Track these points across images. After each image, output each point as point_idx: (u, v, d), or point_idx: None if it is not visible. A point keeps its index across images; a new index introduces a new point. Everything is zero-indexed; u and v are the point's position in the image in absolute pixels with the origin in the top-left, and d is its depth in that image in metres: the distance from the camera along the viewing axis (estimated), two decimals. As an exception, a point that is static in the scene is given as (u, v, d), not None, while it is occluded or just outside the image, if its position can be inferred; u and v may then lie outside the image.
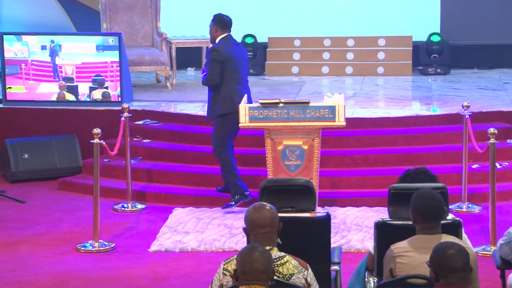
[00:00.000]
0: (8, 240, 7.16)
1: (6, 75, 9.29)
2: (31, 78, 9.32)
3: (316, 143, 7.10)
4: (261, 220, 4.20)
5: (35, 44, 9.28)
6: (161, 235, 7.19)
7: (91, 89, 9.29)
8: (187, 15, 11.82)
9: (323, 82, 11.13)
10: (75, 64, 9.27)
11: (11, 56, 9.29)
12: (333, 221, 6.09)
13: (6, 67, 9.28)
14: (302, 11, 11.84)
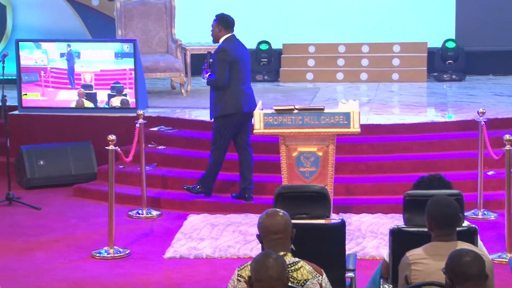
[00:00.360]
0: (23, 246, 7.18)
1: (26, 82, 9.34)
2: (50, 85, 9.37)
3: (331, 149, 7.09)
4: (274, 226, 4.20)
5: (54, 52, 9.33)
6: (176, 241, 7.19)
7: (109, 96, 9.32)
8: (201, 22, 11.82)
9: (337, 89, 11.12)
10: (93, 71, 9.30)
11: (31, 64, 9.33)
12: (348, 228, 6.08)
13: (25, 74, 9.32)
14: (317, 18, 11.85)
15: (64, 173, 8.90)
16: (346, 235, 5.18)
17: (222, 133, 7.80)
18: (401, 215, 4.95)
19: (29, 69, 9.33)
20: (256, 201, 7.93)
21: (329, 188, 7.00)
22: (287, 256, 4.16)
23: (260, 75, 11.70)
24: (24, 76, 9.35)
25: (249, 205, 7.89)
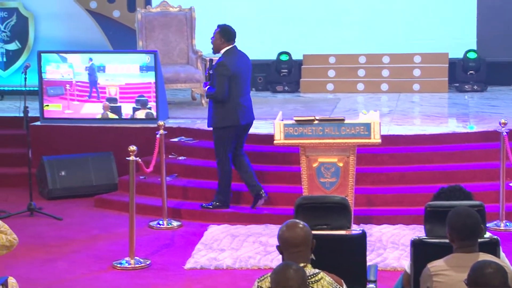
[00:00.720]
0: (45, 257, 7.20)
1: (51, 95, 9.39)
2: (76, 99, 9.42)
3: (352, 160, 7.07)
4: (294, 238, 4.17)
5: (79, 66, 9.39)
6: (197, 252, 7.20)
7: (134, 109, 9.35)
8: (222, 33, 11.87)
9: (358, 99, 11.10)
10: (118, 84, 9.34)
11: (58, 78, 9.39)
12: (368, 239, 6.05)
13: (51, 88, 9.38)
14: (337, 28, 11.85)
15: (85, 184, 8.94)
16: (367, 246, 5.15)
17: (224, 144, 7.89)
18: (423, 226, 4.92)
19: (54, 82, 9.38)
20: (277, 211, 7.93)
21: (350, 199, 6.98)
22: (307, 267, 4.15)
23: (280, 86, 11.70)
24: (49, 89, 9.41)
25: (270, 215, 7.89)
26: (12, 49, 11.00)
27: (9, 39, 10.97)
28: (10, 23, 10.94)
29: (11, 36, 10.94)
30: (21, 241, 7.52)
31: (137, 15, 10.86)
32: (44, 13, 10.89)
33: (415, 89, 11.44)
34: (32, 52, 10.70)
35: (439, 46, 11.67)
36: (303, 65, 11.82)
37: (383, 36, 11.79)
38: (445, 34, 11.71)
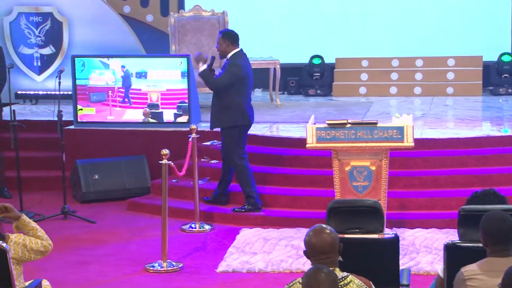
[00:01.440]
0: (78, 259, 7.25)
1: (94, 102, 9.46)
2: (118, 105, 9.48)
3: (384, 164, 7.04)
4: (321, 247, 4.13)
5: (122, 72, 9.44)
6: (229, 255, 7.20)
7: (176, 116, 9.38)
8: (254, 37, 11.90)
9: (391, 103, 11.05)
10: (160, 90, 9.38)
11: (102, 84, 9.45)
12: (401, 243, 6.02)
13: (94, 94, 9.45)
14: (370, 32, 11.81)
15: (118, 187, 8.99)
16: (400, 250, 5.12)
17: (239, 144, 7.97)
18: (456, 230, 4.89)
19: (98, 88, 9.45)
20: (309, 215, 7.91)
21: (383, 202, 6.94)
22: (335, 270, 4.13)
23: (312, 90, 11.69)
24: (92, 95, 9.48)
25: (302, 219, 7.87)
26: (46, 53, 11.10)
27: (43, 44, 11.06)
28: (45, 28, 11.04)
29: (45, 40, 11.04)
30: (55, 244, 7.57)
31: (170, 20, 10.91)
32: (78, 17, 10.97)
33: (449, 93, 11.36)
34: (66, 57, 10.79)
35: (473, 49, 11.58)
36: (336, 69, 11.79)
37: (416, 39, 11.74)
38: (479, 36, 11.63)
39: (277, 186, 8.44)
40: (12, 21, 11.04)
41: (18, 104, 10.90)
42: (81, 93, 9.49)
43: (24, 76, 11.10)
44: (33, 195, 8.89)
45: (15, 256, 4.56)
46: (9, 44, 11.01)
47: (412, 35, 11.75)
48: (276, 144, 9.00)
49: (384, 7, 11.83)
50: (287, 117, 10.17)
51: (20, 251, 4.58)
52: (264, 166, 8.73)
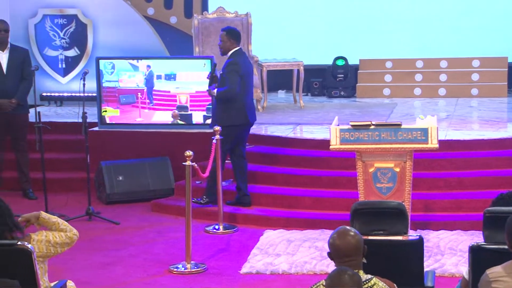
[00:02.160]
0: (103, 260, 7.28)
1: (124, 104, 9.51)
2: (147, 107, 9.51)
3: (408, 165, 7.01)
4: (345, 249, 4.11)
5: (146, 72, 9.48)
6: (252, 257, 7.20)
7: (205, 118, 9.39)
8: (278, 38, 11.90)
9: (415, 104, 11.01)
10: (189, 92, 9.40)
11: (133, 86, 9.49)
12: (426, 245, 6.00)
13: (123, 96, 9.50)
14: (394, 33, 11.77)
15: (142, 189, 9.02)
16: (424, 252, 5.10)
17: (230, 141, 8.05)
18: (481, 232, 4.86)
19: (127, 91, 9.48)
20: (333, 217, 7.89)
21: (407, 204, 6.91)
22: (359, 273, 4.11)
23: (336, 91, 11.67)
24: (122, 97, 9.53)
25: (326, 221, 7.86)
26: (71, 55, 11.16)
27: (68, 46, 11.13)
28: (69, 30, 11.10)
29: (70, 42, 11.10)
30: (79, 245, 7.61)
31: (194, 21, 10.93)
32: (102, 19, 11.03)
33: (474, 94, 11.30)
34: (91, 59, 10.84)
35: (498, 50, 11.51)
36: (360, 70, 11.76)
37: (440, 40, 11.68)
38: (504, 37, 11.55)
39: (301, 187, 8.43)
40: (37, 23, 11.11)
41: (43, 106, 10.98)
42: (110, 95, 9.53)
43: (49, 78, 11.17)
44: (58, 197, 8.94)
45: (40, 254, 4.59)
46: (34, 46, 11.09)
47: (437, 36, 11.70)
48: (299, 145, 8.99)
49: (408, 8, 11.78)
50: (311, 118, 10.16)
51: (45, 248, 4.61)
52: (288, 167, 8.73)
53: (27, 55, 9.10)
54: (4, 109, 8.81)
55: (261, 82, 10.76)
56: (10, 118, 8.88)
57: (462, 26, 11.65)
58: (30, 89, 8.90)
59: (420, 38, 11.73)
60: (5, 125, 8.91)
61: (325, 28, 11.90)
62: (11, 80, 8.87)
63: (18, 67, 8.90)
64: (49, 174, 8.80)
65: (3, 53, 8.89)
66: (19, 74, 8.91)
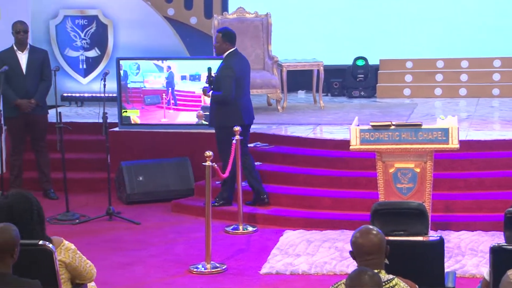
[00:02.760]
0: (123, 260, 7.31)
1: (148, 104, 9.54)
2: (171, 107, 9.54)
3: (429, 166, 6.98)
4: (368, 247, 4.11)
5: (176, 75, 9.50)
6: (272, 257, 7.20)
7: None
8: (298, 39, 11.89)
9: (435, 104, 10.97)
10: None
11: (159, 87, 9.52)
12: (446, 245, 5.97)
13: (148, 97, 9.53)
14: (414, 33, 11.73)
15: (162, 189, 9.04)
16: (445, 252, 5.08)
17: (228, 143, 7.98)
18: (502, 232, 4.84)
19: (152, 91, 9.51)
20: (353, 217, 7.88)
21: (427, 204, 6.89)
22: (381, 273, 4.10)
23: (356, 91, 11.64)
24: (147, 98, 9.56)
25: (345, 221, 7.85)
26: (91, 56, 11.21)
27: (89, 46, 11.17)
28: (90, 31, 11.15)
29: (90, 43, 11.15)
30: (100, 246, 7.67)
31: (214, 22, 10.94)
32: (122, 20, 11.06)
33: (495, 94, 11.24)
34: (111, 59, 10.88)
35: (519, 50, 11.45)
36: (380, 70, 11.73)
37: (461, 40, 11.63)
38: (525, 37, 11.49)
39: (321, 188, 8.42)
40: (58, 24, 11.17)
41: (64, 106, 11.03)
42: (135, 95, 9.57)
43: (70, 79, 11.22)
44: (79, 197, 8.98)
45: (64, 260, 4.60)
46: (55, 47, 11.14)
47: (458, 36, 11.64)
48: (319, 146, 8.98)
49: (429, 8, 11.74)
50: (331, 119, 10.15)
51: (70, 257, 4.62)
52: (308, 168, 8.72)
53: (46, 56, 9.14)
54: (23, 109, 8.86)
55: (281, 83, 10.75)
56: (29, 118, 8.93)
57: (483, 26, 11.58)
58: (49, 90, 8.94)
59: (441, 38, 11.68)
60: (24, 125, 8.96)
61: (345, 28, 11.87)
62: (30, 80, 8.92)
63: (37, 68, 8.95)
64: (70, 174, 8.84)
65: (22, 54, 8.94)
66: (39, 75, 8.96)
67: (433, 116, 9.55)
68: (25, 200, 4.53)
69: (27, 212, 4.52)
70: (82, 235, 7.91)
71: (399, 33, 11.76)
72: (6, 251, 4.11)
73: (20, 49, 8.94)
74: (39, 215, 4.56)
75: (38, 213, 4.56)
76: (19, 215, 4.49)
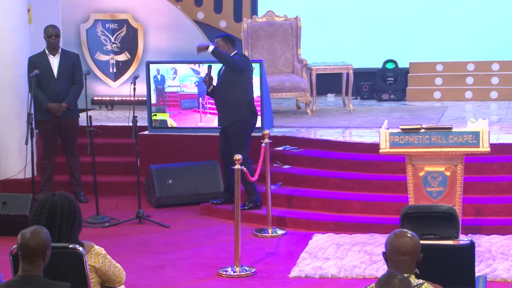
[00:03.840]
0: (153, 263, 7.33)
1: (185, 108, 9.58)
2: (207, 112, 9.56)
3: (459, 169, 6.94)
4: (402, 247, 4.12)
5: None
6: (301, 261, 7.19)
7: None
8: (327, 42, 11.87)
9: (466, 107, 10.90)
10: None
11: (194, 91, 9.56)
12: (477, 249, 5.94)
13: (185, 101, 9.56)
14: (444, 35, 11.67)
15: (192, 192, 9.06)
16: (475, 256, 5.04)
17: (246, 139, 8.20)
18: (534, 237, 4.79)
19: (189, 96, 9.55)
20: (382, 221, 7.85)
21: (458, 208, 6.84)
22: (410, 277, 4.09)
23: (386, 94, 11.60)
24: (184, 102, 9.60)
25: (375, 225, 7.82)
26: (122, 60, 11.28)
27: (119, 50, 11.24)
28: (120, 35, 11.21)
29: (121, 47, 11.21)
30: (130, 248, 7.70)
31: (243, 25, 10.96)
32: (153, 24, 11.12)
33: (526, 97, 11.15)
34: (141, 63, 10.94)
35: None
36: (410, 73, 11.68)
37: (492, 42, 11.54)
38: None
39: (350, 191, 8.39)
40: (88, 28, 11.24)
41: (94, 110, 11.10)
42: (172, 99, 9.60)
43: (100, 82, 11.30)
44: (109, 200, 9.03)
45: (94, 265, 4.63)
46: (86, 51, 11.22)
47: (488, 39, 11.56)
48: (349, 149, 8.96)
49: (459, 10, 11.67)
50: (360, 122, 10.12)
51: (100, 262, 4.65)
52: (337, 171, 8.70)
53: (78, 60, 9.20)
54: (54, 113, 8.92)
55: (310, 86, 10.74)
56: (60, 122, 8.99)
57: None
58: (80, 93, 8.99)
59: (472, 41, 11.61)
60: (56, 129, 9.03)
61: (374, 31, 11.84)
62: (61, 84, 8.98)
63: (68, 71, 9.01)
64: (100, 177, 8.89)
65: (54, 57, 9.01)
66: (70, 78, 9.02)
67: (464, 119, 9.49)
68: (69, 203, 4.57)
69: (70, 216, 4.55)
70: (112, 238, 7.95)
71: (429, 36, 11.70)
72: (37, 253, 4.14)
73: (51, 53, 9.02)
74: (78, 220, 4.60)
75: (78, 219, 4.60)
76: (60, 216, 4.53)
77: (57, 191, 4.66)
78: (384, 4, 11.87)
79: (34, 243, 4.14)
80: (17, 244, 4.16)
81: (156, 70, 9.63)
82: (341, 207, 8.21)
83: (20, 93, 9.16)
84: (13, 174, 9.30)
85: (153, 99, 9.62)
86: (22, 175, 9.16)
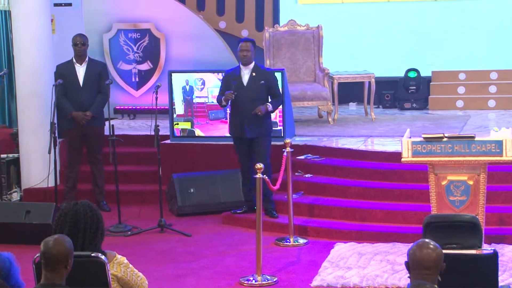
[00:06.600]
0: (175, 272, 7.34)
1: (213, 119, 9.60)
2: None
3: (482, 178, 6.89)
4: (426, 261, 4.07)
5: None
6: (323, 270, 7.17)
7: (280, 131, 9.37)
8: (349, 51, 11.87)
9: (489, 116, 10.84)
10: None
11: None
12: (500, 259, 5.89)
13: (212, 112, 9.59)
14: (467, 44, 11.63)
15: (213, 201, 9.07)
16: (499, 266, 5.01)
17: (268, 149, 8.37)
18: (558, 246, 4.76)
19: (217, 106, 9.55)
20: (405, 230, 7.81)
21: (481, 217, 6.80)
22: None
23: (408, 103, 11.57)
24: (211, 113, 9.63)
25: (397, 234, 7.78)
26: (144, 69, 11.32)
27: (141, 60, 11.29)
28: (143, 44, 11.27)
29: (143, 56, 11.27)
30: (151, 257, 7.72)
31: (265, 34, 10.98)
32: (175, 33, 11.16)
33: (550, 105, 11.08)
34: (163, 72, 10.98)
35: None
36: (432, 82, 11.64)
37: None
38: None
39: (373, 200, 8.37)
40: (111, 38, 11.31)
41: (116, 119, 11.15)
42: (200, 110, 9.62)
43: (123, 92, 11.35)
44: (131, 208, 9.06)
45: (116, 274, 4.64)
46: (108, 60, 11.29)
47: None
48: (371, 158, 8.94)
49: (481, 19, 11.63)
50: (382, 131, 10.09)
51: (122, 271, 4.66)
52: (359, 180, 8.67)
53: (104, 69, 9.25)
54: (78, 121, 8.97)
55: (332, 95, 10.73)
56: (85, 130, 9.03)
57: (537, 36, 11.44)
58: (105, 102, 9.01)
59: (495, 50, 11.56)
60: (81, 137, 9.07)
61: (397, 40, 11.82)
62: (86, 93, 9.02)
63: (94, 80, 9.05)
64: (122, 186, 8.92)
65: (80, 66, 9.06)
66: (96, 87, 9.05)
67: (487, 128, 9.44)
68: (91, 212, 4.58)
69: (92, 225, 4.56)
70: (134, 246, 7.97)
71: (452, 44, 11.66)
72: (60, 262, 4.16)
73: (78, 62, 9.07)
74: (101, 229, 4.61)
75: (101, 228, 4.61)
76: (83, 225, 4.54)
77: (80, 200, 4.67)
78: (406, 13, 11.84)
79: (56, 251, 4.15)
80: (40, 252, 4.18)
81: (185, 81, 9.65)
82: (363, 216, 8.19)
83: (44, 102, 9.22)
84: (37, 183, 9.36)
85: (181, 109, 9.65)
86: (45, 184, 9.22)
